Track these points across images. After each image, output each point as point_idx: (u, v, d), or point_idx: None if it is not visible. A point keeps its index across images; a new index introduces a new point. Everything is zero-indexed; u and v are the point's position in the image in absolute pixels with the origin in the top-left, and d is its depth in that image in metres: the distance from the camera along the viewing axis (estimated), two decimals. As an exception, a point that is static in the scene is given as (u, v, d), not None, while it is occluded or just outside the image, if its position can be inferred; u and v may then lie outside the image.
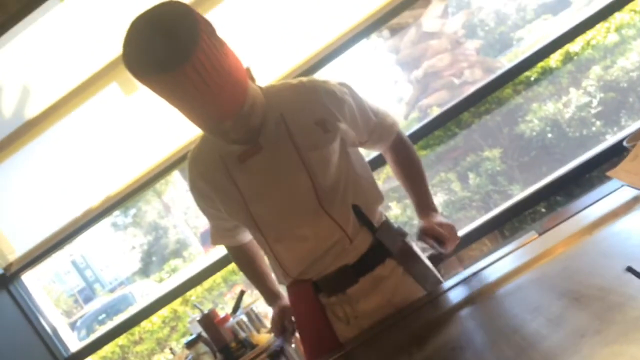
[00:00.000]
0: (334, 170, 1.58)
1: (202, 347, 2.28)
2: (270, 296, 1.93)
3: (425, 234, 1.66)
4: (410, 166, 1.85)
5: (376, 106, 1.79)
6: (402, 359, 1.32)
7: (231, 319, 2.30)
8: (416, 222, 1.78)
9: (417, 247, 1.78)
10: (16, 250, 3.25)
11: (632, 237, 1.22)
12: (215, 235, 1.88)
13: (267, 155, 1.55)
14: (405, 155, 1.85)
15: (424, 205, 1.77)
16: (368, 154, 2.60)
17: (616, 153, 2.58)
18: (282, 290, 1.89)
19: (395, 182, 1.98)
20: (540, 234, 1.53)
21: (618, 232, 1.27)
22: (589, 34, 6.08)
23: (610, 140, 2.83)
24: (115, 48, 2.91)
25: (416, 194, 1.81)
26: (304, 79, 1.64)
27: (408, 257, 1.71)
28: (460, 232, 2.95)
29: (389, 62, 10.63)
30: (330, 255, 1.62)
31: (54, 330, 3.25)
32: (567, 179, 2.76)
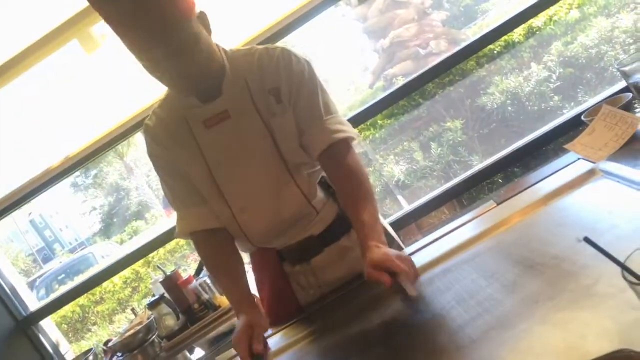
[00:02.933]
0: (298, 141, 1.57)
1: (164, 308, 2.28)
2: (242, 301, 1.56)
3: (374, 268, 1.30)
4: (354, 183, 1.54)
5: (334, 107, 1.61)
6: (361, 322, 1.36)
7: (194, 281, 2.31)
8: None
9: (380, 215, 1.80)
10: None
11: (585, 209, 1.27)
12: (182, 221, 1.65)
13: (233, 121, 1.53)
14: (348, 170, 1.55)
15: (371, 238, 1.40)
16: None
17: (573, 127, 2.65)
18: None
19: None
20: (498, 204, 1.57)
21: (572, 204, 1.32)
22: (552, 10, 6.17)
23: (568, 114, 2.91)
24: (75, 3, 2.83)
25: (362, 222, 1.45)
26: (269, 45, 1.61)
27: None
28: (421, 201, 3.01)
29: (356, 30, 10.58)
30: (296, 226, 1.63)
31: (12, 289, 3.21)
32: (524, 151, 2.82)
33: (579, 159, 1.49)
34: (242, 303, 1.55)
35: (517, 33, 6.22)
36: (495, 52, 6.37)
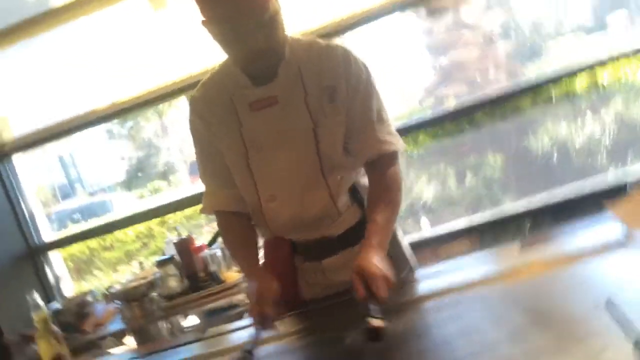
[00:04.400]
0: (341, 144, 1.57)
1: (171, 269, 2.30)
2: (253, 269, 1.62)
3: (357, 274, 1.34)
4: (386, 190, 1.58)
5: (387, 115, 1.61)
6: (358, 330, 1.34)
7: (206, 250, 2.33)
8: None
9: (400, 231, 1.78)
10: (13, 131, 3.26)
11: (611, 275, 1.23)
12: (209, 197, 1.69)
13: (279, 108, 1.53)
14: (385, 180, 1.59)
15: (375, 238, 1.46)
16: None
17: (615, 194, 2.58)
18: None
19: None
20: (522, 248, 1.54)
21: (599, 267, 1.28)
22: (620, 65, 6.03)
23: (612, 176, 2.85)
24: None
25: (375, 221, 1.51)
26: (330, 42, 1.61)
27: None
28: (444, 228, 2.98)
29: (418, 42, 10.52)
30: (318, 224, 1.63)
31: (32, 216, 3.29)
32: (561, 207, 2.77)
33: (616, 221, 1.44)
34: (253, 270, 1.60)
35: (580, 81, 6.09)
36: (553, 96, 6.25)
